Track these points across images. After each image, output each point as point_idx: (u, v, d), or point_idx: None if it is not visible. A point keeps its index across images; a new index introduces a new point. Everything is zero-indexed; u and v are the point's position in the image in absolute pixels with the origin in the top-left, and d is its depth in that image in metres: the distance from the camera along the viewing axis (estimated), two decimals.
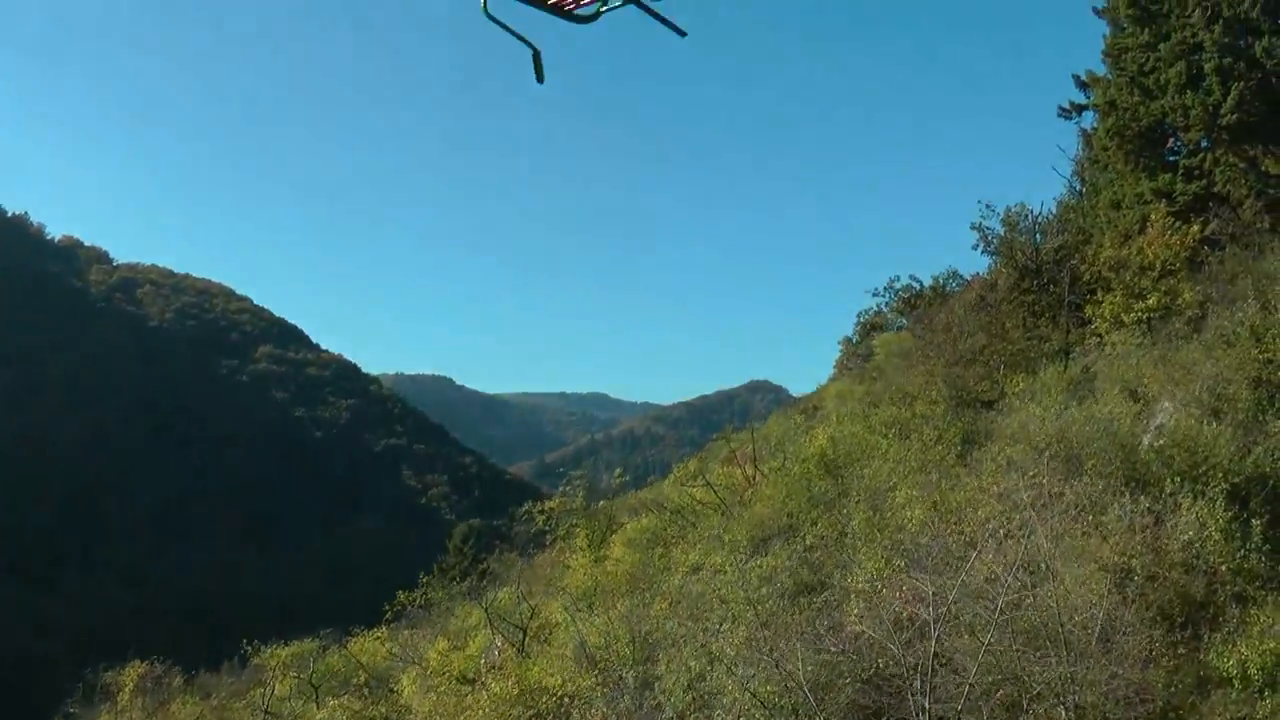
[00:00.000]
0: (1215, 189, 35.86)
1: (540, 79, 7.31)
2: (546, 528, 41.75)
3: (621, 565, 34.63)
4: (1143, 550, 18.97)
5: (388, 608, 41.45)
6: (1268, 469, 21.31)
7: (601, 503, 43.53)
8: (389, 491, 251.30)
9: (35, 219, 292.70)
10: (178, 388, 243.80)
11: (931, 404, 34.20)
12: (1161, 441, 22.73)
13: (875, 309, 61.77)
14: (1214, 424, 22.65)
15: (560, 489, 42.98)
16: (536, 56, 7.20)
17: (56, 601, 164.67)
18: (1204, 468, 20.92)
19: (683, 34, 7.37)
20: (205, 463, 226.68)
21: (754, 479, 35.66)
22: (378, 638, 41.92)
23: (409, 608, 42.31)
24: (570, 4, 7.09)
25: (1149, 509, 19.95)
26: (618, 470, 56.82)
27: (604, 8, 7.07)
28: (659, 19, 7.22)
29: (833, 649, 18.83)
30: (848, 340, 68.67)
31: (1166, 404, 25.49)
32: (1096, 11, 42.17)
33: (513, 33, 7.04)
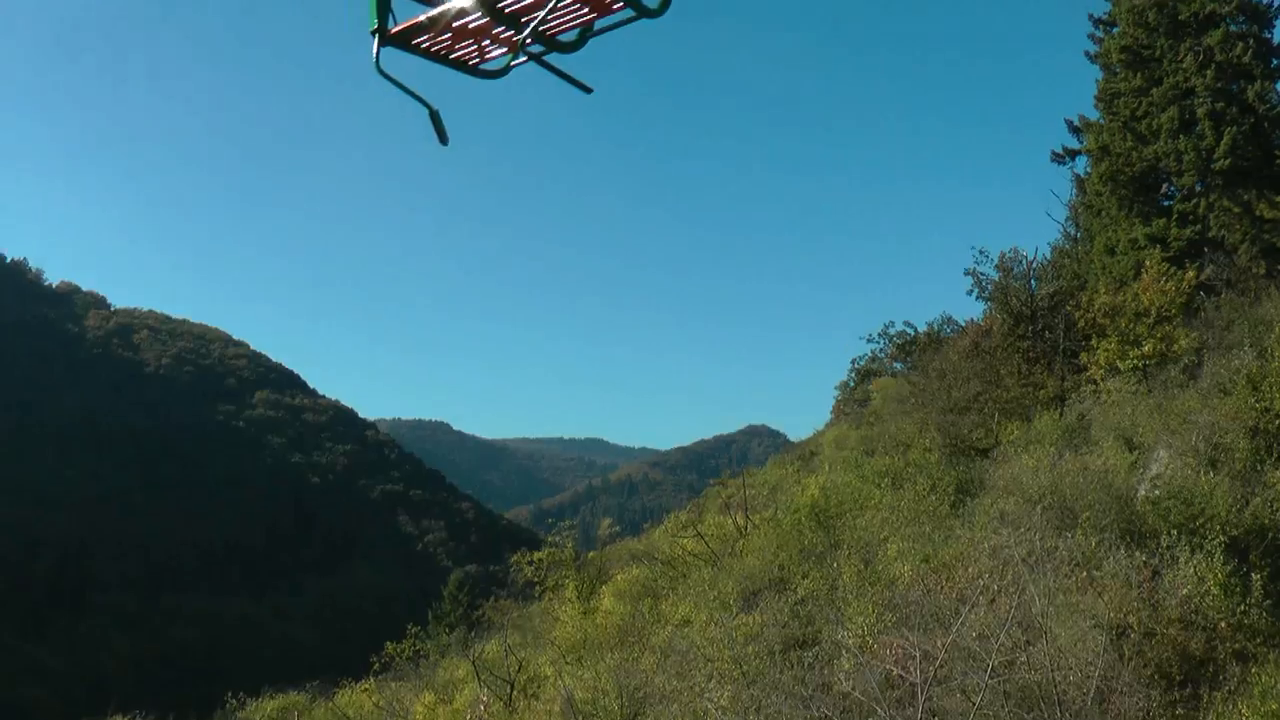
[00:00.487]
0: (1210, 234, 35.63)
1: (443, 140, 6.93)
2: (534, 579, 41.24)
3: (611, 618, 34.04)
4: (1140, 606, 18.43)
5: (375, 660, 40.90)
6: (1267, 520, 20.77)
7: (590, 554, 42.97)
8: (386, 537, 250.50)
9: (34, 264, 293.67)
10: (175, 432, 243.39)
11: (926, 451, 33.79)
12: (1158, 492, 22.23)
13: (870, 355, 61.60)
14: (1211, 474, 22.17)
15: (548, 539, 42.40)
16: (435, 116, 6.81)
17: (51, 648, 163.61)
18: (1201, 520, 20.37)
19: (588, 90, 7.07)
20: (201, 508, 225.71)
21: (745, 529, 35.12)
22: (365, 690, 41.26)
23: (397, 659, 41.69)
24: (474, 59, 6.76)
25: (1145, 562, 19.42)
26: (606, 520, 56.33)
27: (514, 61, 6.73)
28: (563, 76, 6.90)
29: (820, 709, 18.26)
30: (845, 385, 68.47)
31: (1163, 453, 25.03)
32: (1089, 56, 42.16)
33: (409, 91, 6.69)
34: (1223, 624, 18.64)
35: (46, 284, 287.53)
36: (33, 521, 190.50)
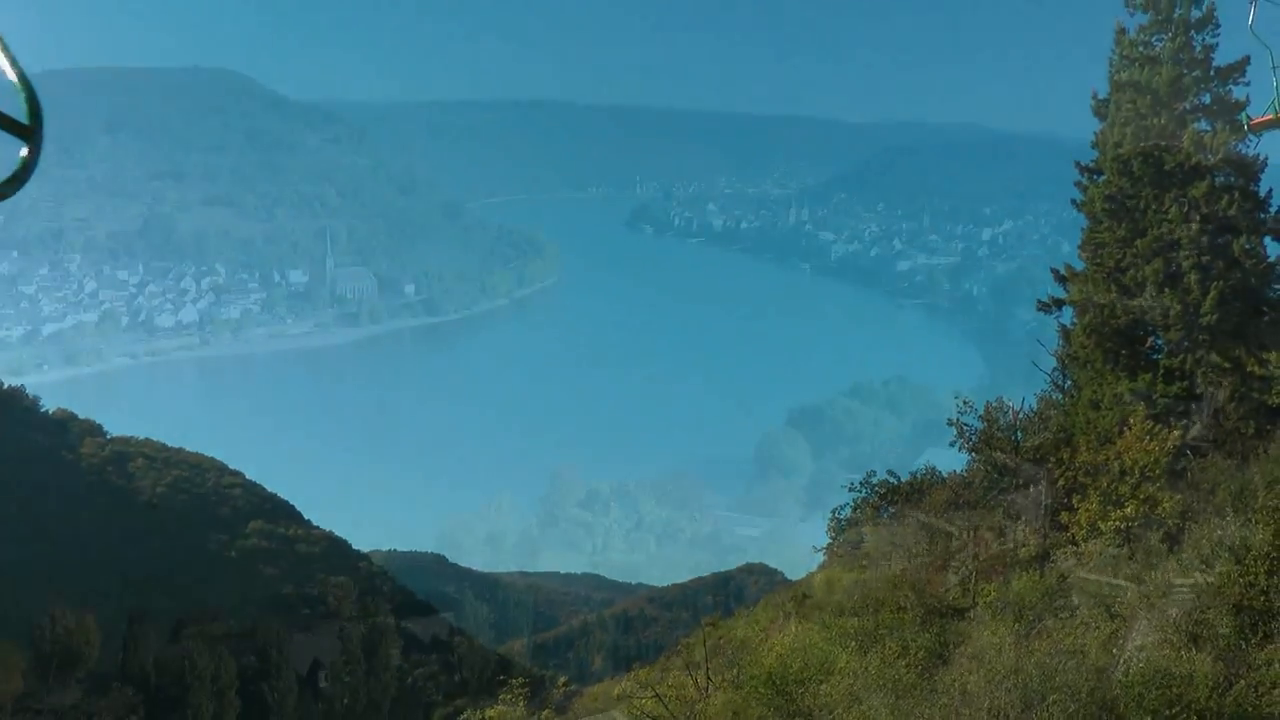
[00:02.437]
0: (1197, 391, 34.44)
1: None
2: None
3: None
4: None
5: None
6: (1250, 709, 19.04)
7: (545, 713, 40.85)
8: (375, 671, 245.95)
9: (31, 391, 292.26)
10: (166, 562, 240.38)
11: (899, 611, 32.18)
12: (1132, 673, 20.59)
13: (852, 503, 60.30)
14: (1193, 651, 20.53)
15: (500, 697, 40.28)
16: None
17: None
18: (1178, 707, 18.66)
19: None
20: (191, 639, 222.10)
21: (707, 690, 33.26)
22: None
23: None
24: None
25: None
26: (561, 679, 54.66)
27: None
28: None
29: None
30: (837, 526, 67.22)
31: (1143, 625, 23.44)
32: (1075, 204, 41.48)
33: None
34: None
35: (43, 411, 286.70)
36: (20, 650, 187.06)
